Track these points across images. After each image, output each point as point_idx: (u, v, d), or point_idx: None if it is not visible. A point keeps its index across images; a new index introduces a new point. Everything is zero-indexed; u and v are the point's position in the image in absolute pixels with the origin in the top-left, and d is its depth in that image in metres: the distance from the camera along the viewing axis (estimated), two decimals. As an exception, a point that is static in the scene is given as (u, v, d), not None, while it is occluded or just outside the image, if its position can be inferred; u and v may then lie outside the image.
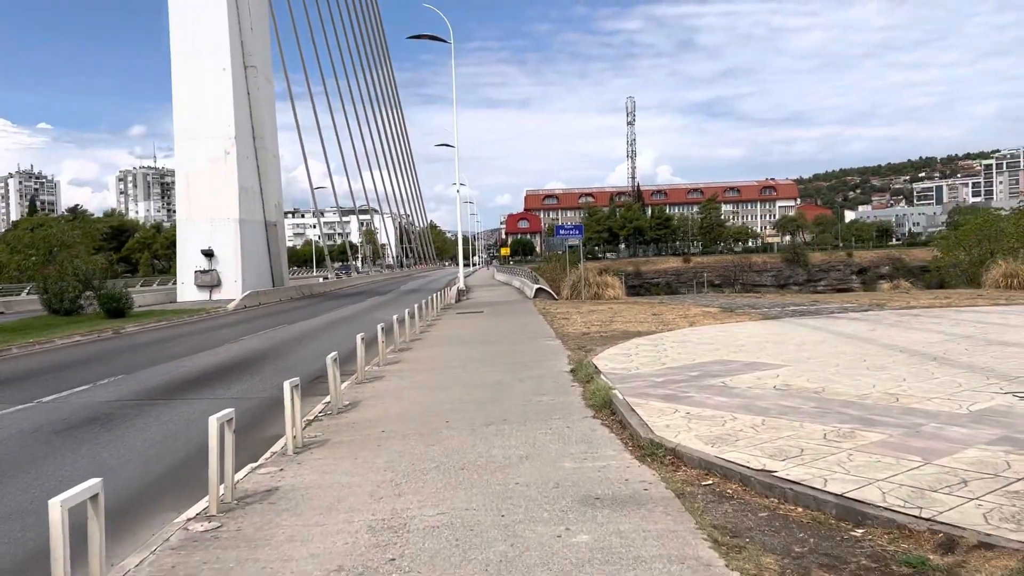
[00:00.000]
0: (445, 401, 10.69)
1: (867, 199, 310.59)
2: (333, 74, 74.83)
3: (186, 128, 43.63)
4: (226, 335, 24.19)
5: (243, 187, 44.32)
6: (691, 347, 14.16)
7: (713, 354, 13.04)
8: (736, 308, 25.02)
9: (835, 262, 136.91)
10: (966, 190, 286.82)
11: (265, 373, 15.45)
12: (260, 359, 17.70)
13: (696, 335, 16.29)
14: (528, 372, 12.75)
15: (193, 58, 43.23)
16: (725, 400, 9.08)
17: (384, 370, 14.03)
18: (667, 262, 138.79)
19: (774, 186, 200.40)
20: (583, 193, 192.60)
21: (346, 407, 10.70)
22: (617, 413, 8.93)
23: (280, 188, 51.85)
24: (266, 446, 9.00)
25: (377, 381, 12.79)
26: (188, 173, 43.84)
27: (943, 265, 52.19)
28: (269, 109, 49.26)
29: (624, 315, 23.69)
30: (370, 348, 16.32)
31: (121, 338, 24.42)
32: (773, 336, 15.42)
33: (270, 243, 48.55)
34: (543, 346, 16.43)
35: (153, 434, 10.13)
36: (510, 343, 17.44)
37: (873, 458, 6.36)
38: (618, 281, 36.71)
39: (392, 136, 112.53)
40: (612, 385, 10.33)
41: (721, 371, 11.17)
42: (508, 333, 19.91)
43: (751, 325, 18.14)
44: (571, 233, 35.00)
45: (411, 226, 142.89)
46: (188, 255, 43.84)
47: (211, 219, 43.50)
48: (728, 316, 21.60)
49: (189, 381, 14.59)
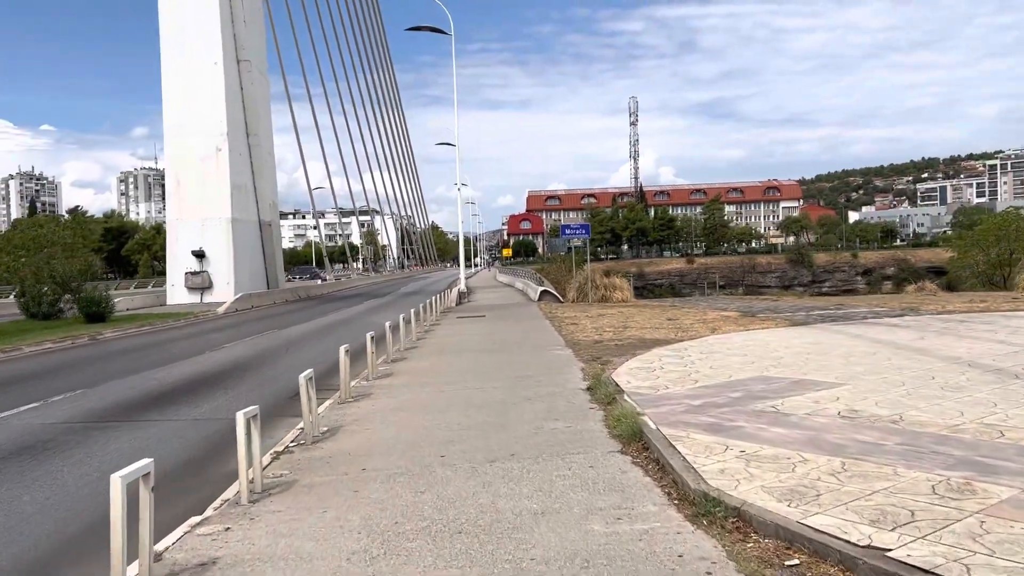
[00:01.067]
0: (441, 426, 9.02)
1: (870, 200, 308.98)
2: (333, 75, 73.38)
3: (176, 124, 41.96)
4: (210, 341, 22.54)
5: (236, 185, 42.65)
6: (721, 359, 12.47)
7: (750, 368, 11.35)
8: (756, 312, 23.34)
9: (840, 263, 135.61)
10: (970, 191, 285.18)
11: (242, 387, 13.79)
12: (240, 370, 16.04)
13: (723, 344, 14.61)
14: (537, 389, 11.07)
15: (183, 51, 41.56)
16: (784, 432, 7.39)
17: (373, 386, 12.35)
18: (670, 263, 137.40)
19: (778, 187, 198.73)
20: (586, 194, 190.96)
21: (323, 435, 9.02)
22: (651, 448, 7.25)
23: (275, 186, 50.21)
24: (224, 484, 7.35)
25: (364, 400, 11.11)
26: (179, 171, 42.17)
27: (959, 266, 50.49)
28: (264, 105, 47.57)
29: (637, 320, 22.02)
30: (359, 359, 14.68)
31: (96, 345, 22.76)
32: (811, 346, 13.73)
33: (264, 243, 46.88)
34: (552, 356, 14.75)
35: (90, 469, 8.45)
36: (515, 353, 15.76)
37: (1017, 528, 4.68)
38: (626, 283, 35.05)
39: (393, 137, 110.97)
40: (640, 409, 8.65)
41: (766, 391, 9.49)
42: (512, 340, 18.23)
43: (781, 332, 16.45)
44: (577, 233, 33.33)
45: (412, 227, 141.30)
46: (178, 256, 42.17)
47: (202, 218, 41.82)
48: (751, 321, 19.92)
49: (155, 397, 12.93)
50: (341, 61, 78.93)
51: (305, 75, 64.72)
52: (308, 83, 66.21)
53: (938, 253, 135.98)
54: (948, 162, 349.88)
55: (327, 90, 72.52)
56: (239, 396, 12.76)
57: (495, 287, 55.51)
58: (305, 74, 64.58)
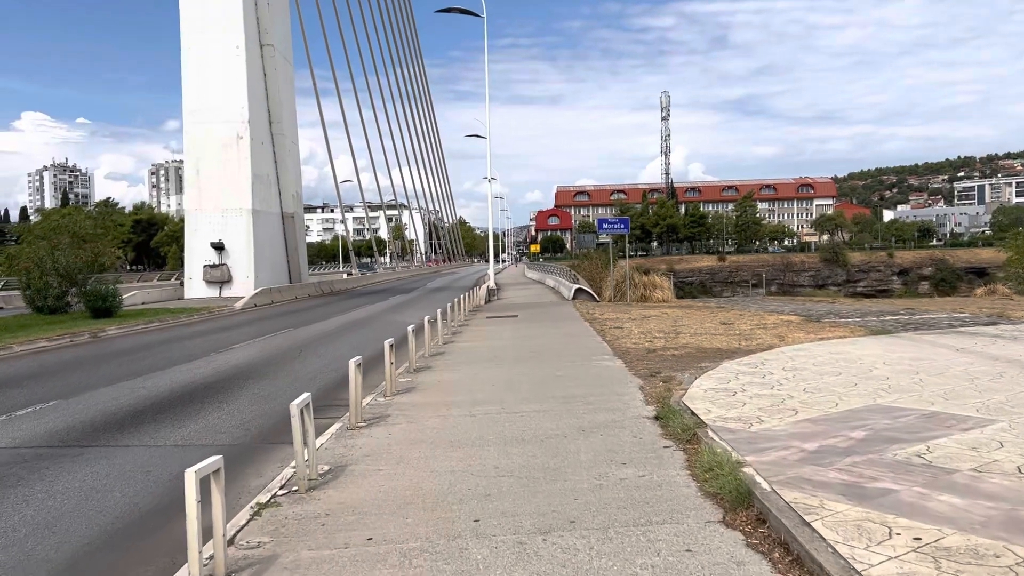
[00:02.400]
0: (474, 470, 6.95)
1: (904, 199, 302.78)
2: (362, 69, 71.98)
3: (195, 111, 40.28)
4: (219, 341, 20.72)
5: (257, 175, 40.95)
6: (813, 379, 10.27)
7: (856, 394, 9.15)
8: (818, 316, 21.02)
9: (875, 262, 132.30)
10: (1009, 190, 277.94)
11: (240, 401, 11.85)
12: (242, 378, 14.11)
13: (803, 357, 12.38)
14: (591, 415, 8.97)
15: (204, 33, 39.85)
16: (960, 503, 5.22)
17: (391, 405, 10.31)
18: (701, 261, 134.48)
19: (811, 184, 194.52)
20: (615, 190, 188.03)
21: (323, 476, 7.01)
22: (772, 523, 5.13)
23: (299, 177, 48.47)
24: (180, 556, 5.34)
25: (377, 425, 9.08)
26: (198, 159, 40.51)
27: (1019, 266, 47.51)
28: (287, 92, 45.84)
29: (687, 324, 19.82)
30: (376, 368, 12.69)
31: (96, 343, 21.03)
32: (914, 362, 11.47)
33: (287, 236, 45.21)
34: (600, 369, 12.63)
35: (20, 521, 6.50)
36: (556, 362, 13.66)
37: None
38: (667, 282, 32.81)
39: (421, 131, 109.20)
40: (736, 453, 6.53)
41: (896, 430, 7.30)
42: (551, 346, 16.13)
43: (865, 343, 14.15)
44: (615, 227, 31.14)
45: (440, 222, 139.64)
46: (197, 249, 40.55)
47: (222, 210, 40.17)
48: (819, 328, 17.63)
49: (137, 413, 11.01)
50: (371, 54, 77.31)
51: (333, 68, 63.10)
52: (336, 76, 64.62)
53: (977, 253, 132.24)
54: (985, 161, 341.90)
55: (356, 84, 70.90)
56: (233, 414, 10.80)
57: (525, 284, 53.42)
58: (333, 67, 62.95)
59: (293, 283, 44.68)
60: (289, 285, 43.13)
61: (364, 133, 72.52)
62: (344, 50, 68.19)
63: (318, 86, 66.25)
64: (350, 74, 70.31)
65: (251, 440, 9.31)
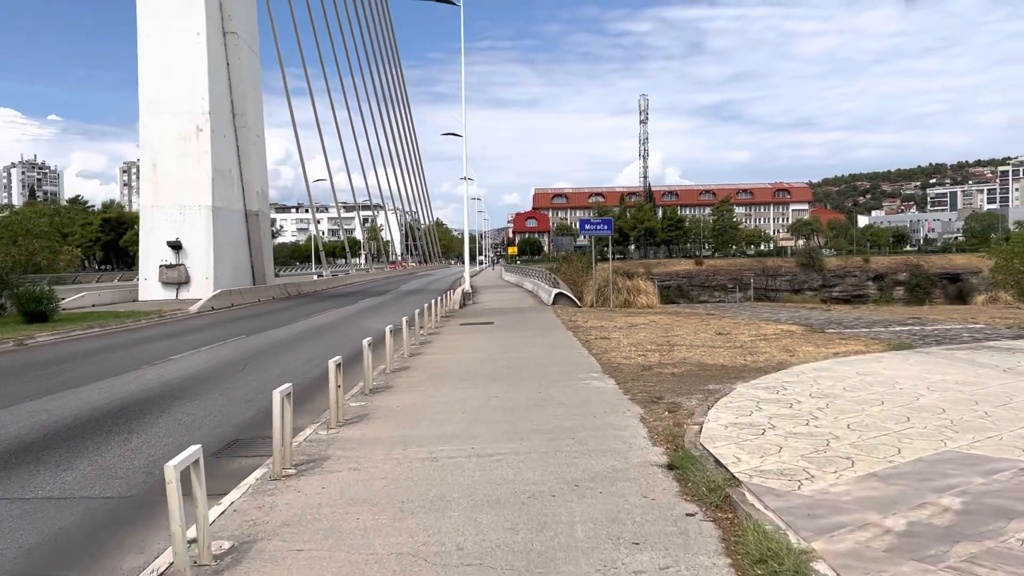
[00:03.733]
0: (428, 556, 4.98)
1: (877, 204, 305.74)
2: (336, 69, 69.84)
3: (152, 101, 37.78)
4: (160, 350, 18.55)
5: (218, 170, 38.57)
6: (850, 409, 8.43)
7: (916, 432, 7.31)
8: (820, 326, 19.30)
9: (851, 267, 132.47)
10: (981, 196, 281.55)
11: (157, 430, 9.80)
12: (170, 398, 12.01)
13: (828, 379, 10.54)
14: (586, 461, 7.03)
15: (161, 20, 37.40)
16: None
17: (334, 440, 8.31)
18: (679, 264, 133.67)
19: (788, 189, 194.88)
20: (593, 192, 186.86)
21: (218, 562, 5.00)
22: None
23: (265, 173, 46.08)
24: None
25: (311, 473, 7.06)
26: (155, 153, 37.99)
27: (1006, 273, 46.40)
28: (253, 82, 43.47)
29: (679, 334, 17.99)
30: (323, 390, 10.68)
31: (18, 353, 18.75)
32: (963, 388, 9.67)
33: (251, 235, 42.85)
34: (590, 391, 10.70)
35: None
36: (537, 381, 11.71)
37: None
38: (652, 286, 31.01)
39: (398, 132, 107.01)
40: (797, 537, 4.62)
41: (1002, 493, 5.45)
42: (531, 360, 14.19)
43: (892, 361, 12.35)
44: (598, 228, 29.29)
45: (416, 223, 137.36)
46: (153, 248, 38.04)
47: (180, 206, 37.75)
48: (826, 340, 15.86)
49: (19, 448, 8.91)
50: (346, 53, 75.42)
51: (305, 66, 60.87)
52: (308, 75, 62.32)
53: (951, 259, 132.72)
54: (956, 168, 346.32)
55: (329, 84, 68.85)
56: (140, 450, 8.75)
57: (502, 287, 51.46)
58: (305, 65, 60.71)
59: (257, 285, 42.35)
60: (252, 287, 40.81)
61: (338, 133, 70.36)
62: (317, 48, 65.79)
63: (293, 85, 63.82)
64: (323, 73, 68.45)
65: (149, 490, 7.26)
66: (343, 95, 74.48)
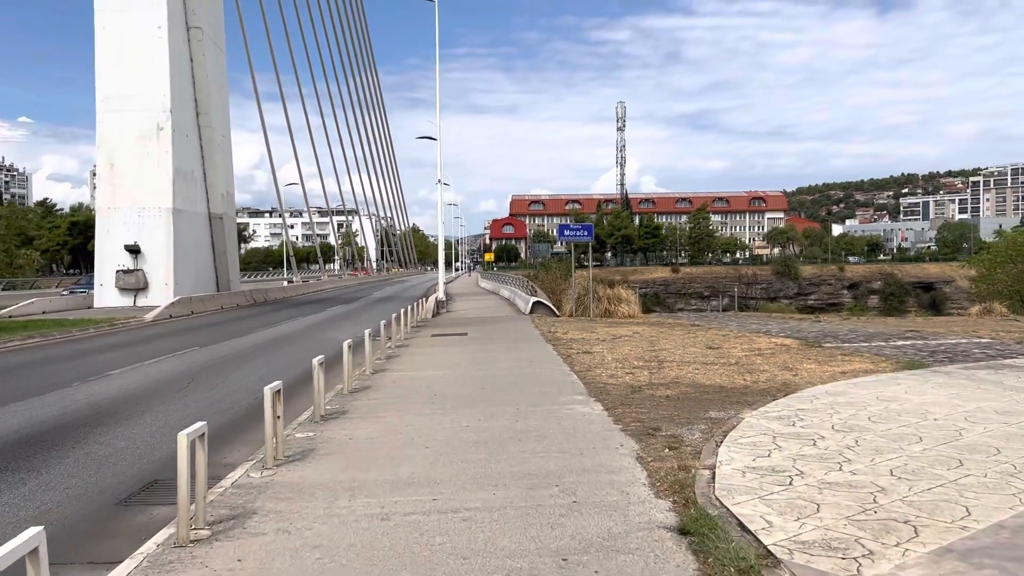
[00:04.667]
0: None
1: (851, 213, 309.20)
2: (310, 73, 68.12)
3: (110, 97, 35.85)
4: (99, 364, 16.89)
5: (180, 170, 36.71)
6: (886, 448, 7.11)
7: (977, 481, 6.01)
8: (816, 340, 18.10)
9: (826, 276, 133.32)
10: (953, 206, 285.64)
11: (64, 467, 8.28)
12: (91, 424, 10.44)
13: (846, 406, 9.24)
14: (574, 520, 5.62)
15: (120, 12, 35.48)
16: None
17: (266, 487, 6.80)
18: (655, 272, 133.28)
19: (763, 197, 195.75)
20: (570, 199, 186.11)
21: None
22: None
23: (230, 175, 44.19)
24: None
25: (225, 538, 5.56)
26: (112, 152, 36.03)
27: (989, 282, 45.84)
28: (219, 80, 41.62)
29: (666, 348, 16.68)
30: (259, 420, 9.17)
31: (-60, 366, 16.98)
32: (1006, 418, 8.41)
33: (215, 239, 40.99)
34: (576, 419, 9.30)
35: None
36: (514, 405, 10.29)
37: None
38: (633, 295, 29.74)
39: (373, 137, 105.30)
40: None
41: None
42: (507, 379, 12.76)
43: (911, 383, 11.08)
44: (578, 234, 27.98)
45: (392, 229, 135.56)
46: (109, 252, 36.04)
47: (139, 208, 35.83)
48: (828, 358, 14.62)
49: None
50: (320, 58, 73.77)
51: (277, 70, 59.31)
52: (280, 79, 60.59)
53: (924, 268, 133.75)
54: (927, 178, 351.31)
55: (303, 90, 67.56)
56: (36, 494, 7.24)
57: (478, 295, 50.01)
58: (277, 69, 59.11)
59: (221, 291, 40.51)
60: (216, 294, 38.98)
61: (310, 137, 68.61)
62: (290, 52, 64.11)
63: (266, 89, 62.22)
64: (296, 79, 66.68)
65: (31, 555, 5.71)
66: (316, 99, 72.94)
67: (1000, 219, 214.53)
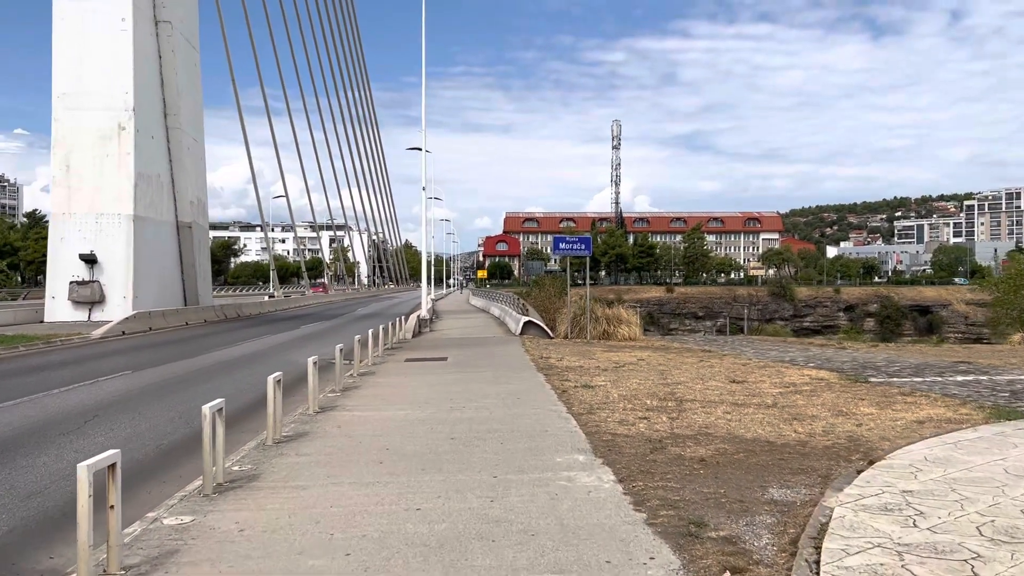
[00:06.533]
0: None
1: (844, 236, 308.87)
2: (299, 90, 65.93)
3: (67, 94, 33.03)
4: (6, 390, 13.96)
5: (143, 174, 33.87)
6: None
7: None
8: (856, 373, 15.31)
9: (822, 298, 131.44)
10: (947, 230, 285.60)
11: None
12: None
13: (971, 485, 6.45)
14: None
15: (80, 3, 32.84)
16: None
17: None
18: (649, 291, 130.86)
19: (758, 218, 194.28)
20: (564, 217, 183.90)
21: None
22: None
23: (203, 181, 41.38)
24: None
25: None
26: (68, 153, 33.19)
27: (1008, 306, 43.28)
28: (190, 80, 38.87)
29: (681, 380, 13.87)
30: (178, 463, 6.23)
31: None
32: None
33: (183, 250, 38.11)
34: (577, 497, 6.44)
35: None
36: (491, 471, 7.44)
37: None
38: (635, 316, 26.96)
39: (366, 153, 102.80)
40: None
41: None
42: (487, 425, 9.90)
43: (1021, 443, 8.29)
44: (575, 247, 25.23)
45: (384, 245, 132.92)
46: (63, 261, 33.08)
47: (97, 214, 32.96)
48: (883, 398, 11.85)
49: None
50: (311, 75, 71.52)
51: (262, 84, 56.86)
52: (266, 94, 57.98)
53: (921, 292, 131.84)
54: (920, 202, 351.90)
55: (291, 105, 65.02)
56: None
57: (467, 312, 47.17)
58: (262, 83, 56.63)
59: (189, 306, 37.57)
60: (181, 308, 36.03)
61: (297, 152, 66.05)
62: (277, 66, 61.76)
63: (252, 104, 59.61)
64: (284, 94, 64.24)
65: None
66: (305, 115, 70.58)
67: (995, 243, 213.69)
